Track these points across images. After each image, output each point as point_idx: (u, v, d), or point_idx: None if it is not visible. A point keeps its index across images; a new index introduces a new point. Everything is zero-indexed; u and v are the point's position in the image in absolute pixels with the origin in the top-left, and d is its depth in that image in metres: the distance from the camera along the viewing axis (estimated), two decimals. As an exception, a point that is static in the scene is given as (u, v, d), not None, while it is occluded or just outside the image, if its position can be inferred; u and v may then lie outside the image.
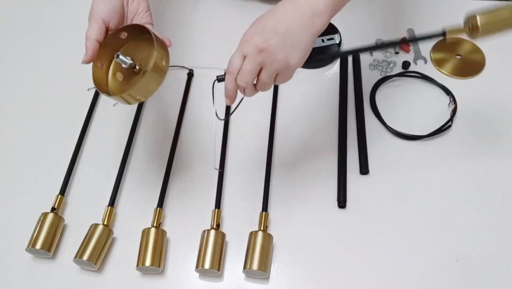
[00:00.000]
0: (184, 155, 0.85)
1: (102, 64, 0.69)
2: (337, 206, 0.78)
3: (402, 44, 0.75)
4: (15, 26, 1.04)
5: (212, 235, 0.72)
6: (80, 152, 0.84)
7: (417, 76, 0.93)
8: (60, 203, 0.77)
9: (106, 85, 0.69)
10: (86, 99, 0.90)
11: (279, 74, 0.63)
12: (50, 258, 0.74)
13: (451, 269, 0.73)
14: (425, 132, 0.85)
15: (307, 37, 0.63)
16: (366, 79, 0.93)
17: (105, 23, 0.68)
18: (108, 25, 0.69)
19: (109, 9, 0.68)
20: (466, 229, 0.76)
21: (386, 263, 0.73)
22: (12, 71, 0.97)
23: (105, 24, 0.68)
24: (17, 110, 0.91)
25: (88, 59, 0.67)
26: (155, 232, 0.73)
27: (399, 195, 0.79)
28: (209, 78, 0.92)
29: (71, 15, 1.05)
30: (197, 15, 1.03)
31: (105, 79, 0.70)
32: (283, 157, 0.84)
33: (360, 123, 0.87)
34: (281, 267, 0.74)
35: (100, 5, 0.69)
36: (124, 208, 0.79)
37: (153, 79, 0.64)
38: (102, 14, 0.68)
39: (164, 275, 0.73)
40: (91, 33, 0.67)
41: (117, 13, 0.69)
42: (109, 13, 0.68)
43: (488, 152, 0.84)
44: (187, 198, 0.80)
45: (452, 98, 0.89)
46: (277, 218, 0.77)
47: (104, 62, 0.69)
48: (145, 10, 0.72)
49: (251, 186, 0.80)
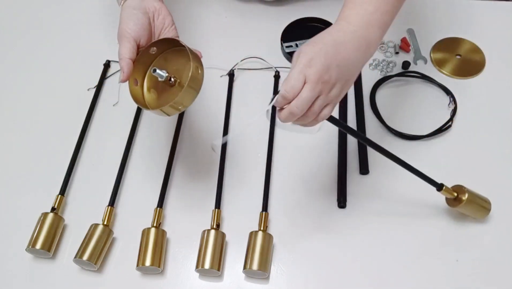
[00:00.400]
0: (184, 155, 0.85)
1: (136, 81, 0.70)
2: (337, 206, 0.78)
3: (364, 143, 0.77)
4: (15, 26, 1.04)
5: (212, 235, 0.72)
6: (80, 152, 0.84)
7: (417, 76, 0.93)
8: (60, 203, 0.77)
9: (143, 100, 0.70)
10: (86, 99, 0.90)
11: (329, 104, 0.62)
12: (50, 258, 0.74)
13: (451, 269, 0.73)
14: (425, 132, 0.85)
15: (360, 68, 0.64)
16: (366, 79, 0.93)
17: (136, 41, 0.69)
18: (139, 42, 0.69)
19: (139, 27, 0.69)
20: (466, 229, 0.76)
21: (386, 263, 0.73)
22: (12, 71, 0.97)
23: (136, 42, 0.69)
24: (17, 110, 0.91)
25: (125, 78, 0.67)
26: (155, 232, 0.73)
27: (399, 195, 0.79)
28: (209, 78, 0.93)
29: (71, 15, 1.05)
30: (197, 15, 1.03)
31: (141, 94, 0.70)
32: (283, 157, 0.84)
33: (360, 123, 0.87)
34: (281, 267, 0.74)
35: (129, 24, 0.69)
36: (124, 208, 0.79)
37: (192, 89, 0.65)
38: (133, 32, 0.69)
39: (164, 275, 0.73)
40: (124, 52, 0.67)
41: (146, 30, 0.70)
42: (138, 31, 0.69)
43: (488, 152, 0.84)
44: (187, 198, 0.80)
45: (452, 98, 0.89)
46: (277, 218, 0.77)
47: (138, 78, 0.70)
48: (171, 24, 0.72)
49: (251, 186, 0.80)
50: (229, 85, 0.92)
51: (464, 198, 0.72)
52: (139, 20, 0.70)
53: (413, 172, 0.70)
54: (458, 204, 0.72)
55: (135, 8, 0.70)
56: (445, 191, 0.72)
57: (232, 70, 0.93)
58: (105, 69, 0.95)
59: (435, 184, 0.72)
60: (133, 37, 0.69)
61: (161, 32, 0.72)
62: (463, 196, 0.72)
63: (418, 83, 0.93)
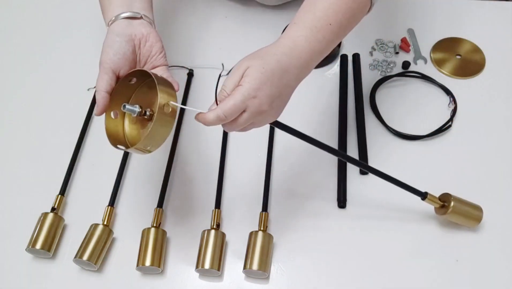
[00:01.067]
0: (184, 155, 0.85)
1: (116, 114, 0.65)
2: (337, 206, 0.78)
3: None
4: (15, 26, 1.04)
5: (212, 235, 0.72)
6: (80, 152, 0.84)
7: (417, 76, 0.93)
8: (60, 203, 0.77)
9: (123, 135, 0.65)
10: (86, 99, 0.90)
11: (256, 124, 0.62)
12: (50, 258, 0.74)
13: (451, 269, 0.73)
14: (425, 132, 0.85)
15: (291, 93, 0.63)
16: (366, 79, 0.93)
17: (115, 72, 0.65)
18: (119, 73, 0.65)
19: (119, 58, 0.65)
20: (466, 229, 0.76)
21: (386, 263, 0.73)
22: (12, 71, 0.97)
23: (115, 73, 0.65)
24: (17, 110, 0.91)
25: (99, 112, 0.63)
26: (155, 232, 0.73)
27: (399, 195, 0.79)
28: (209, 78, 0.93)
29: (71, 15, 1.05)
30: (197, 15, 1.03)
31: (121, 129, 0.65)
32: (283, 157, 0.84)
33: (360, 123, 0.87)
34: (281, 267, 0.74)
35: (109, 54, 0.65)
36: (124, 208, 0.79)
37: (163, 123, 0.59)
38: (112, 63, 0.65)
39: (164, 275, 0.73)
40: (100, 84, 0.63)
41: (127, 60, 0.66)
42: (118, 62, 0.65)
43: (488, 152, 0.84)
44: (187, 198, 0.80)
45: (452, 98, 0.89)
46: (277, 218, 0.77)
47: (118, 110, 0.65)
48: (159, 52, 0.68)
49: (251, 186, 0.80)
50: (229, 85, 0.92)
51: (450, 206, 0.72)
52: (120, 49, 0.65)
53: (394, 182, 0.70)
54: (444, 212, 0.72)
55: (118, 34, 0.66)
56: (429, 200, 0.72)
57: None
58: (105, 69, 0.95)
59: (418, 194, 0.72)
60: (111, 68, 0.64)
61: (147, 60, 0.68)
62: (449, 204, 0.72)
63: (418, 83, 0.93)
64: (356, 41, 0.97)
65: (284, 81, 0.60)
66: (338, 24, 0.63)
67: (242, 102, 0.57)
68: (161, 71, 0.68)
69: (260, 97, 0.58)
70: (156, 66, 0.69)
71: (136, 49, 0.68)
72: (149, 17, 0.70)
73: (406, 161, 0.83)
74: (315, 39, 0.62)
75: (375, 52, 0.97)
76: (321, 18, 0.62)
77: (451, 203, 0.72)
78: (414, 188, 0.71)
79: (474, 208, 0.74)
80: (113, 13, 0.68)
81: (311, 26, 0.62)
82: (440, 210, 0.74)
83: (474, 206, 0.74)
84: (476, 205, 0.74)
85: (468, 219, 0.74)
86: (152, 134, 0.58)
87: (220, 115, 0.57)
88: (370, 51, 0.97)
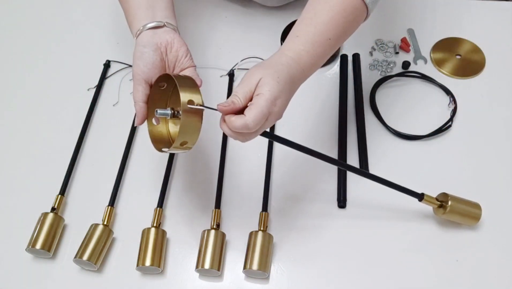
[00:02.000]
0: (184, 155, 0.85)
1: (158, 120, 0.69)
2: (337, 206, 0.78)
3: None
4: (15, 26, 1.04)
5: (212, 235, 0.72)
6: (80, 152, 0.84)
7: (417, 76, 0.93)
8: (60, 203, 0.77)
9: (169, 138, 0.69)
10: (86, 99, 0.90)
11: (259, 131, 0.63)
12: (50, 258, 0.74)
13: (451, 268, 0.73)
14: (425, 132, 0.85)
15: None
16: (366, 79, 0.93)
17: (147, 82, 0.68)
18: (151, 82, 0.69)
19: (149, 68, 0.68)
20: (466, 228, 0.76)
21: (386, 263, 0.73)
22: (12, 71, 0.97)
23: (148, 82, 0.68)
24: (17, 110, 0.91)
25: (140, 122, 0.68)
26: (155, 232, 0.73)
27: (399, 195, 0.79)
28: (209, 78, 0.93)
29: (71, 15, 1.05)
30: (197, 15, 1.03)
31: (166, 132, 0.69)
32: (283, 157, 0.84)
33: (360, 123, 0.87)
34: (281, 267, 0.74)
35: (139, 66, 0.68)
36: (124, 208, 0.79)
37: (190, 121, 0.61)
38: (143, 74, 0.68)
39: (164, 275, 0.73)
40: (136, 96, 0.67)
41: (157, 68, 0.69)
42: (149, 72, 0.68)
43: (488, 152, 0.84)
44: (187, 198, 0.80)
45: (452, 98, 0.89)
46: (277, 218, 0.77)
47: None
48: (185, 55, 0.71)
49: (251, 186, 0.80)
50: (229, 85, 0.92)
51: (448, 206, 0.72)
52: (149, 59, 0.68)
53: (390, 185, 0.71)
54: (443, 213, 0.72)
55: (145, 45, 0.69)
56: (426, 201, 0.72)
57: (232, 70, 0.93)
58: (105, 69, 0.95)
59: (415, 195, 0.72)
60: (143, 79, 0.68)
61: (175, 65, 0.71)
62: (447, 204, 0.72)
63: (418, 83, 0.93)
64: (356, 41, 0.97)
65: (292, 90, 0.64)
66: (336, 38, 0.67)
67: (267, 109, 0.59)
68: (189, 72, 0.71)
69: (279, 105, 0.61)
70: (184, 68, 0.71)
71: (164, 56, 0.70)
72: (172, 23, 0.72)
73: (406, 161, 0.83)
74: (316, 53, 0.65)
75: (375, 52, 0.97)
76: (322, 32, 0.65)
77: (449, 202, 0.72)
78: (410, 190, 0.72)
79: (473, 206, 0.74)
80: (138, 25, 0.71)
81: (312, 41, 0.65)
82: (438, 210, 0.74)
83: (472, 204, 0.74)
84: (475, 203, 0.74)
85: (467, 217, 0.74)
86: (183, 129, 0.60)
87: (248, 123, 0.58)
88: (370, 51, 0.97)
